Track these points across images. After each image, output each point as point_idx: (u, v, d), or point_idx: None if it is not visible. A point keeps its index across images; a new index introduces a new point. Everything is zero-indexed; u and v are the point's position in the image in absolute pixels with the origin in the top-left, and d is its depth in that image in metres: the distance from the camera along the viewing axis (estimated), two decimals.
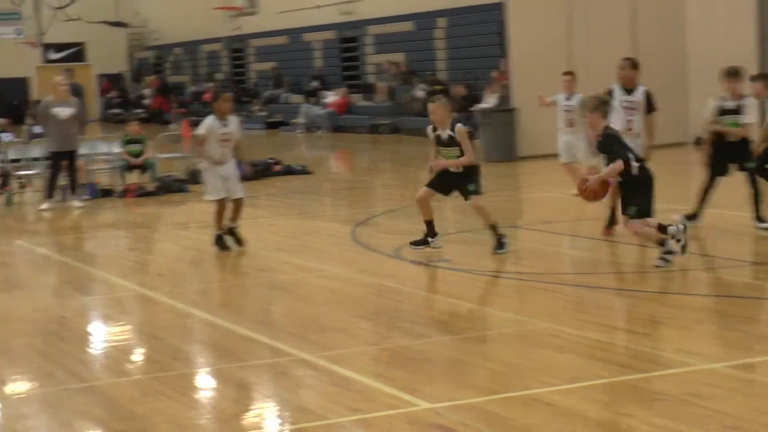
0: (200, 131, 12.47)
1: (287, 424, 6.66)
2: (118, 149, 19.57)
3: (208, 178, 12.60)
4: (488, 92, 26.34)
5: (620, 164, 10.31)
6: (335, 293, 10.38)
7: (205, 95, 38.15)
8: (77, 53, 47.48)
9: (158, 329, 9.34)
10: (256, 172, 18.75)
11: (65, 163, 17.58)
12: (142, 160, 19.06)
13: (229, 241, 12.62)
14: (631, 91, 12.53)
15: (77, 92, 20.72)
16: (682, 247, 10.53)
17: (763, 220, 12.30)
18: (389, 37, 33.85)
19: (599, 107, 10.59)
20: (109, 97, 46.46)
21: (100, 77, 47.09)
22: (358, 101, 34.11)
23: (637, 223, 10.47)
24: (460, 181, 11.61)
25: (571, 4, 22.43)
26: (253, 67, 41.79)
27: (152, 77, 45.37)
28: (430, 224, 11.83)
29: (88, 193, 18.14)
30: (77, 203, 17.53)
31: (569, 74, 15.90)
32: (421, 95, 29.76)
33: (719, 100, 12.35)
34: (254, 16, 40.80)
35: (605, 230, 12.37)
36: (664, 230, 10.49)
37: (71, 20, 43.35)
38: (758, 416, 6.33)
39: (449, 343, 8.45)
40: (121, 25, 46.31)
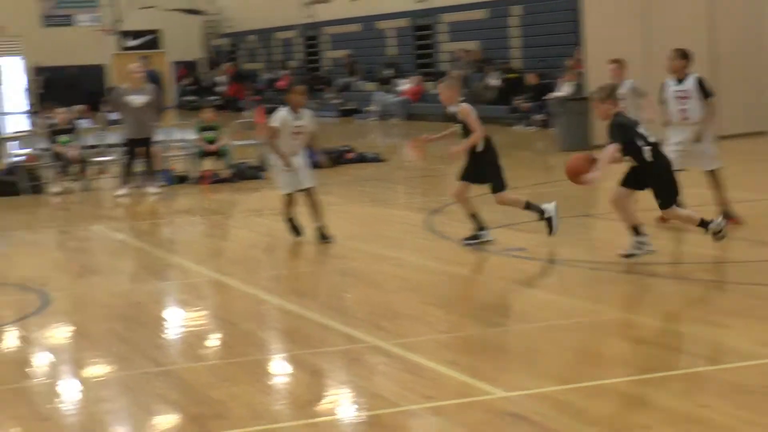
0: (273, 124, 12.46)
1: (361, 410, 6.68)
2: (193, 136, 19.74)
3: (278, 171, 12.56)
4: (563, 80, 26.15)
5: (612, 149, 10.10)
6: (408, 281, 10.39)
7: (278, 83, 38.28)
8: (153, 41, 47.84)
9: (233, 315, 9.42)
10: (330, 160, 18.79)
11: (141, 150, 17.76)
12: (216, 146, 19.20)
13: (303, 230, 12.57)
14: (682, 80, 12.53)
15: (155, 79, 20.92)
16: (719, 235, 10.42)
17: None
18: (463, 24, 33.73)
19: (610, 95, 10.44)
20: (183, 84, 46.81)
21: (176, 64, 47.46)
22: (431, 89, 34.04)
23: (671, 210, 10.34)
24: (480, 171, 11.58)
25: None
26: (326, 54, 41.89)
27: (228, 64, 45.63)
28: (474, 218, 11.77)
29: (164, 179, 18.31)
30: (153, 189, 17.70)
31: (616, 62, 15.64)
32: (494, 84, 29.62)
33: None
34: (328, 3, 40.87)
35: (730, 220, 11.94)
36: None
37: (147, 8, 43.74)
38: None
39: (523, 331, 8.42)
40: (196, 12, 46.64)
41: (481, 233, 11.69)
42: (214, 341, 8.76)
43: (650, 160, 10.15)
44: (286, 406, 6.89)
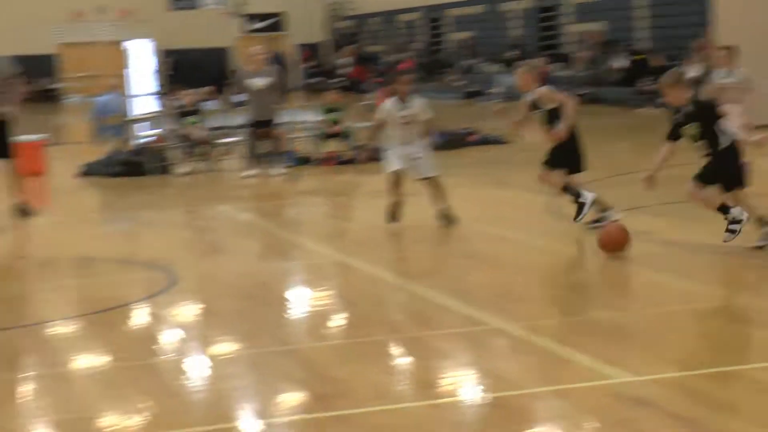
0: (379, 115, 12.47)
1: (485, 392, 6.67)
2: (316, 117, 19.87)
3: (388, 153, 12.56)
4: (689, 63, 25.68)
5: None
6: (532, 263, 10.34)
7: (401, 65, 38.34)
8: (276, 23, 48.29)
9: (356, 295, 9.48)
10: (449, 142, 18.80)
11: (263, 131, 17.94)
12: (339, 128, 19.32)
13: (400, 218, 12.44)
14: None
15: (279, 61, 21.11)
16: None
17: None
18: (589, 6, 33.36)
19: (679, 80, 10.19)
20: (307, 66, 47.16)
21: (300, 47, 47.81)
22: (556, 71, 33.75)
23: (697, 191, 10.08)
24: (561, 156, 11.44)
25: None
26: (450, 36, 41.81)
27: (351, 47, 45.83)
28: (567, 189, 11.57)
29: (289, 160, 18.47)
30: (278, 171, 17.88)
31: (725, 49, 15.20)
32: (620, 65, 29.25)
33: None
34: None
35: None
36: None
37: None
38: None
39: (649, 315, 8.31)
40: None
41: (606, 214, 11.56)
42: (337, 321, 8.83)
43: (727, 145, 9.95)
44: (409, 386, 6.92)
